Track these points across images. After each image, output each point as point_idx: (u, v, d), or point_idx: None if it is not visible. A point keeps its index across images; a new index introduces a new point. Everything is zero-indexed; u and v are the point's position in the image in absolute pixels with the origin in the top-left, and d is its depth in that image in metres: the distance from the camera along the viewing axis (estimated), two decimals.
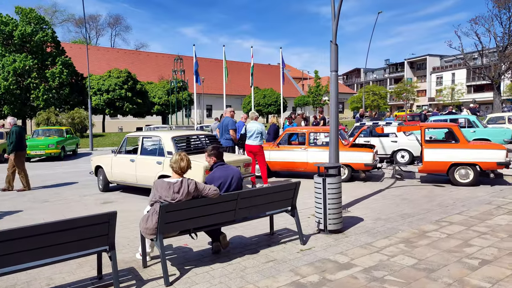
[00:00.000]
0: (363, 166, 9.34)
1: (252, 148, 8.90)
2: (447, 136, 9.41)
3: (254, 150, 8.90)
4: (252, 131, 8.81)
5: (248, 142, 8.94)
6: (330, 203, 5.27)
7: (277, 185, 4.77)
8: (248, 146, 8.93)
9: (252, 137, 8.82)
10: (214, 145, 4.72)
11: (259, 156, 8.94)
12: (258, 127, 8.88)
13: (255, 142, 8.84)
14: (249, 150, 8.93)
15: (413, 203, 7.10)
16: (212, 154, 4.57)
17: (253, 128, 8.83)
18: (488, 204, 6.83)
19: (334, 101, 6.51)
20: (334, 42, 6.44)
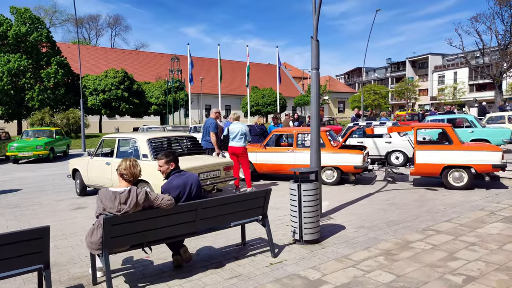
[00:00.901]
0: (353, 168, 8.93)
1: (235, 150, 8.52)
2: (441, 137, 8.99)
3: (238, 152, 8.52)
4: (235, 132, 8.45)
5: (231, 143, 8.55)
6: (306, 211, 4.87)
7: (244, 193, 4.37)
8: (232, 148, 8.54)
9: (236, 138, 8.45)
10: (169, 150, 4.32)
11: (242, 159, 8.58)
12: (242, 127, 8.51)
13: (239, 144, 8.47)
14: (233, 152, 8.54)
15: (402, 209, 6.69)
16: (170, 160, 4.16)
17: (236, 129, 8.47)
18: (481, 210, 6.41)
19: (315, 100, 6.11)
20: (315, 38, 6.03)
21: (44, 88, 29.68)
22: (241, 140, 8.46)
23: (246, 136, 8.50)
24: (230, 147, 8.56)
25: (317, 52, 6.05)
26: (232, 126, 8.60)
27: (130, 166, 3.58)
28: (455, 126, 14.20)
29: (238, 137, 8.43)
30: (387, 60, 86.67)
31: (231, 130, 8.52)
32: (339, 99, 67.54)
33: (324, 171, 9.29)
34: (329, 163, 9.15)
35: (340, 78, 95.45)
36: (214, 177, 7.18)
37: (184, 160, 7.00)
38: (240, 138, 8.44)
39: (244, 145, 8.57)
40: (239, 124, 8.59)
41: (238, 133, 8.43)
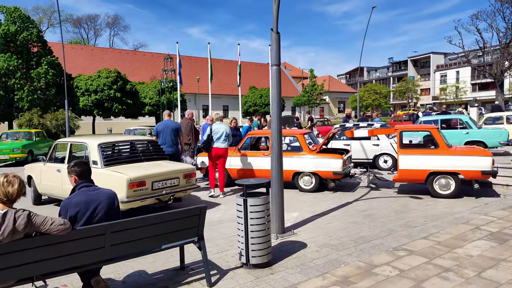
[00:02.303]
0: (332, 174, 8.22)
1: (220, 151, 8.17)
2: (426, 140, 8.27)
3: (222, 153, 8.22)
4: (220, 133, 8.09)
5: (216, 145, 8.12)
6: (253, 230, 4.18)
7: (171, 212, 3.68)
8: (216, 150, 8.14)
9: (221, 139, 8.10)
10: (76, 161, 3.61)
11: (223, 161, 8.30)
12: (226, 128, 8.24)
13: (224, 145, 8.15)
14: (217, 155, 8.17)
15: (377, 222, 5.98)
16: (72, 171, 3.47)
17: (220, 130, 8.11)
18: (465, 224, 5.69)
19: (276, 100, 5.42)
20: (275, 30, 5.35)
21: (34, 89, 29.12)
22: (225, 141, 8.18)
23: (229, 137, 8.27)
24: (214, 149, 8.15)
25: (277, 46, 5.36)
26: (215, 126, 8.19)
27: (3, 183, 2.90)
28: (450, 127, 13.48)
29: (223, 138, 8.12)
30: (389, 59, 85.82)
31: (214, 131, 8.11)
32: (339, 99, 66.75)
33: (302, 177, 8.60)
34: (307, 169, 8.46)
35: (341, 78, 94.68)
36: (171, 186, 6.49)
37: (137, 168, 6.35)
38: (224, 139, 8.15)
39: (227, 146, 8.27)
40: (223, 125, 8.26)
41: (223, 134, 8.12)
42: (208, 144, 8.09)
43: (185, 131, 9.67)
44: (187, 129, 9.70)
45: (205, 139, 8.11)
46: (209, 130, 8.13)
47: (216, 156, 8.19)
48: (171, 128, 8.38)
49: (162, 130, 8.38)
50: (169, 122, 8.58)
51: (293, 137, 8.82)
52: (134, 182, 5.90)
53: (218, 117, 8.54)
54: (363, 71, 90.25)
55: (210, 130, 8.13)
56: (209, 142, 8.09)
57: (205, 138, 8.12)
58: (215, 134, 8.11)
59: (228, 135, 8.22)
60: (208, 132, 8.11)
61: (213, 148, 8.13)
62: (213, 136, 8.09)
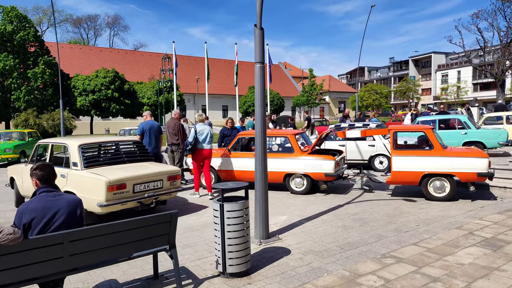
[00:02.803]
0: (323, 176, 7.97)
1: (206, 153, 8.16)
2: (420, 141, 8.01)
3: (208, 154, 8.21)
4: (204, 134, 8.09)
5: (201, 146, 8.09)
6: (230, 237, 3.95)
7: (138, 219, 3.43)
8: (202, 151, 8.09)
9: (206, 140, 8.11)
10: (40, 163, 3.35)
11: (209, 162, 8.30)
12: (209, 129, 8.25)
13: (209, 146, 8.17)
14: (203, 156, 8.14)
15: (367, 226, 5.73)
16: (33, 174, 3.21)
17: (205, 131, 8.12)
18: (459, 229, 5.44)
19: (259, 99, 5.18)
20: (259, 26, 5.11)
21: (31, 89, 28.94)
22: (211, 142, 8.21)
23: (212, 138, 8.35)
24: (200, 150, 8.09)
25: (261, 42, 5.11)
26: (200, 127, 8.11)
27: None
28: (448, 128, 13.22)
29: (208, 139, 8.14)
30: (390, 59, 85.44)
31: (199, 132, 8.05)
32: (340, 99, 66.45)
33: (293, 179, 8.36)
34: (298, 170, 8.21)
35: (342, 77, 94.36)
36: (154, 189, 6.26)
37: (118, 170, 6.11)
38: (209, 140, 8.18)
39: (212, 147, 8.31)
40: (206, 126, 8.25)
41: (208, 135, 8.13)
42: (195, 145, 8.04)
43: (173, 131, 9.45)
44: (175, 130, 9.46)
45: (191, 141, 8.03)
46: (194, 132, 8.05)
47: (201, 157, 8.14)
48: (156, 128, 8.37)
49: (149, 130, 8.33)
50: (154, 122, 8.53)
51: (284, 137, 8.58)
52: (113, 184, 5.67)
53: (201, 118, 8.43)
54: (364, 71, 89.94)
55: (195, 131, 8.05)
56: (195, 143, 8.04)
57: (191, 139, 8.03)
58: (200, 135, 8.06)
59: (212, 136, 8.27)
60: (194, 134, 8.03)
61: (199, 149, 8.06)
62: (198, 137, 8.04)
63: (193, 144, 8.01)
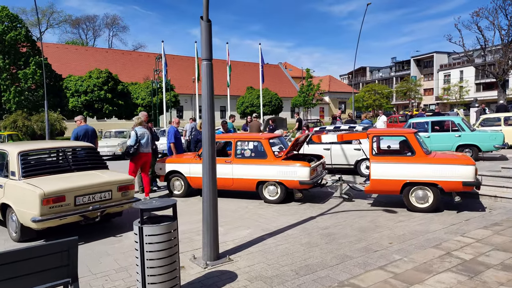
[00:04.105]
0: (298, 184, 7.33)
1: (148, 157, 8.20)
2: (402, 146, 7.37)
3: (149, 158, 8.25)
4: (145, 138, 8.06)
5: (144, 150, 8.04)
6: (151, 266, 3.33)
7: (24, 249, 2.81)
8: (144, 155, 8.06)
9: (147, 144, 8.09)
10: None
11: (148, 165, 8.33)
12: (148, 132, 8.21)
13: (149, 149, 8.16)
14: (145, 160, 8.13)
15: (333, 244, 5.09)
16: None
17: (145, 134, 8.09)
18: (436, 248, 4.79)
19: (207, 101, 4.56)
20: (206, 18, 4.49)
21: (21, 90, 28.44)
22: (149, 145, 8.18)
23: (153, 141, 8.37)
24: (142, 154, 8.03)
25: (208, 37, 4.50)
26: (141, 131, 8.04)
27: None
28: (441, 130, 12.55)
29: (148, 143, 8.13)
30: (391, 59, 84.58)
31: (140, 136, 8.00)
32: (340, 99, 65.67)
33: (266, 187, 7.73)
34: (271, 177, 7.59)
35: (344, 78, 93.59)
36: (101, 201, 5.65)
37: (58, 180, 5.51)
38: (149, 143, 8.16)
39: (151, 150, 8.33)
40: (144, 128, 8.16)
41: (148, 138, 8.12)
42: (137, 149, 7.91)
43: None
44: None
45: (133, 144, 7.86)
46: (135, 135, 7.91)
47: (142, 161, 8.10)
48: (91, 132, 8.25)
49: (84, 135, 8.12)
50: (88, 126, 8.39)
51: (257, 142, 7.95)
52: (49, 197, 5.07)
53: (139, 121, 8.22)
54: (365, 71, 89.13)
55: (136, 135, 7.92)
56: (138, 147, 7.93)
57: (134, 143, 7.86)
58: (141, 138, 7.99)
59: (152, 139, 8.30)
60: (135, 137, 7.90)
61: (141, 153, 7.99)
62: (140, 141, 7.98)
63: (137, 148, 7.86)
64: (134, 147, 7.79)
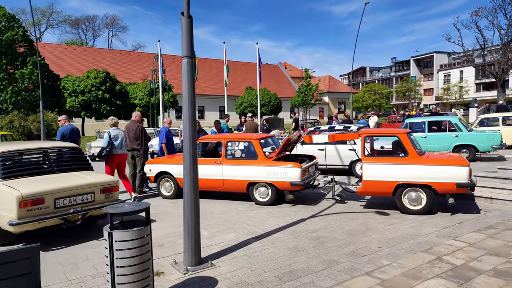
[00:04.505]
0: (289, 185, 7.17)
1: (122, 158, 8.27)
2: (394, 147, 7.20)
3: (123, 159, 8.31)
4: (119, 139, 8.13)
5: (119, 151, 8.14)
6: (121, 273, 3.16)
7: None
8: (118, 156, 8.15)
9: (121, 145, 8.15)
10: None
11: (123, 166, 8.33)
12: (122, 133, 8.28)
13: (123, 151, 8.22)
14: (119, 161, 8.23)
15: (321, 248, 4.92)
16: None
17: (119, 135, 8.16)
18: (426, 253, 4.62)
19: (188, 100, 4.39)
20: (187, 14, 4.32)
21: (18, 90, 28.31)
22: (123, 147, 8.24)
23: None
24: (116, 155, 8.10)
25: (189, 33, 4.33)
26: (114, 132, 8.15)
27: None
28: (439, 130, 12.37)
29: (122, 144, 8.19)
30: (391, 59, 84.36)
31: (114, 137, 8.07)
32: (340, 100, 65.46)
33: (257, 188, 7.57)
34: (262, 179, 7.42)
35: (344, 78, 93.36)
36: (83, 203, 5.48)
37: (37, 182, 5.35)
38: (123, 144, 8.22)
39: (125, 151, 8.35)
40: (119, 130, 8.28)
41: (122, 139, 8.19)
42: (111, 151, 7.98)
43: (134, 135, 8.74)
44: (137, 133, 8.75)
45: (106, 146, 7.94)
46: (109, 137, 7.99)
47: (116, 163, 8.14)
48: (76, 132, 8.22)
49: (69, 135, 8.06)
50: (73, 126, 8.37)
51: (248, 142, 7.78)
52: (27, 199, 4.90)
53: (113, 122, 8.32)
54: (365, 71, 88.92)
55: (109, 136, 8.00)
56: (111, 149, 7.99)
57: (106, 145, 7.95)
58: (115, 140, 8.05)
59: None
60: (108, 139, 7.98)
61: (115, 155, 8.05)
62: (113, 142, 8.03)
63: (110, 149, 7.93)
64: (107, 149, 7.91)
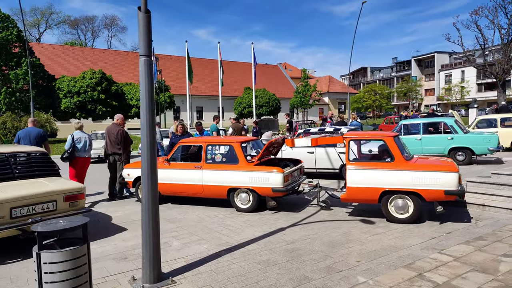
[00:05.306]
0: (271, 191, 6.80)
1: (85, 161, 8.24)
2: (381, 151, 6.82)
3: (87, 163, 8.32)
4: (82, 142, 8.12)
5: (81, 154, 8.11)
6: None
7: None
8: (81, 160, 8.12)
9: (84, 148, 8.14)
10: None
11: (85, 169, 8.33)
12: (86, 136, 8.25)
13: (87, 154, 8.24)
14: (82, 164, 8.17)
15: (294, 262, 4.55)
16: None
17: (83, 138, 8.16)
18: (407, 268, 4.24)
19: (145, 101, 4.03)
20: (144, 9, 3.97)
21: (13, 91, 28.03)
22: (88, 150, 8.25)
23: (91, 146, 8.33)
24: (79, 159, 8.08)
25: (146, 30, 3.97)
26: (78, 135, 8.12)
27: None
28: (434, 132, 11.99)
29: (86, 147, 8.17)
30: (393, 59, 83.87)
31: (77, 140, 8.07)
32: (340, 100, 65.03)
33: (238, 194, 7.20)
34: (243, 184, 7.05)
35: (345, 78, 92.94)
36: (44, 212, 5.13)
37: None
38: (87, 148, 8.22)
39: (90, 155, 8.43)
40: (84, 133, 8.25)
41: (86, 143, 8.17)
42: (72, 154, 7.96)
43: (115, 139, 8.43)
44: (118, 137, 8.43)
45: (67, 149, 7.93)
46: (71, 140, 7.99)
47: (79, 165, 8.11)
48: (33, 136, 7.86)
49: (23, 138, 7.78)
50: (31, 129, 8.00)
51: (229, 146, 7.42)
52: None
53: (78, 126, 8.32)
54: (366, 71, 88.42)
55: (72, 139, 8.00)
56: (73, 151, 7.97)
57: (67, 147, 7.95)
58: (77, 143, 8.02)
59: (91, 144, 8.28)
60: (71, 142, 7.97)
61: (77, 157, 8.02)
62: (76, 145, 7.99)
63: (71, 152, 7.89)
64: (67, 151, 7.90)
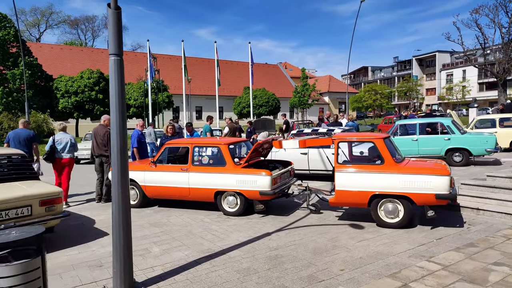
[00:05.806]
0: (258, 195, 6.60)
1: (65, 162, 8.18)
2: (371, 153, 6.61)
3: (67, 163, 8.22)
4: (63, 143, 8.07)
5: (60, 155, 8.06)
6: None
7: None
8: (60, 160, 8.08)
9: (65, 149, 8.09)
10: None
11: (68, 170, 8.22)
12: (69, 137, 8.23)
13: (69, 155, 8.18)
14: (62, 165, 8.12)
15: (275, 271, 4.35)
16: None
17: (64, 140, 8.11)
18: (392, 278, 4.04)
19: (115, 101, 3.84)
20: (114, 5, 3.77)
21: (9, 91, 27.91)
22: (70, 151, 8.18)
23: (74, 146, 8.26)
24: (59, 160, 8.07)
25: (116, 27, 3.78)
26: (59, 136, 8.15)
27: None
28: (431, 132, 11.77)
29: (68, 149, 8.12)
30: (394, 58, 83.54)
31: (58, 141, 8.06)
32: (340, 100, 64.76)
33: (225, 197, 7.01)
34: (230, 187, 6.86)
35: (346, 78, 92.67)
36: (19, 217, 4.95)
37: None
38: (69, 149, 8.14)
39: (73, 156, 8.32)
40: (67, 135, 8.24)
41: (67, 144, 8.11)
42: (52, 155, 7.95)
43: (102, 141, 8.28)
44: (104, 139, 8.27)
45: (47, 150, 7.92)
46: (52, 141, 7.98)
47: (60, 166, 8.10)
48: (23, 137, 7.83)
49: (13, 139, 7.75)
50: (20, 131, 7.97)
51: (216, 148, 7.22)
52: None
53: (61, 127, 8.41)
54: (367, 71, 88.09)
55: (53, 140, 7.99)
56: (52, 152, 7.94)
57: (47, 148, 7.94)
58: (58, 144, 8.01)
59: (74, 145, 8.21)
60: (51, 143, 7.94)
61: (58, 159, 8.03)
62: (56, 146, 7.96)
63: (50, 153, 7.90)
64: (46, 153, 7.89)
